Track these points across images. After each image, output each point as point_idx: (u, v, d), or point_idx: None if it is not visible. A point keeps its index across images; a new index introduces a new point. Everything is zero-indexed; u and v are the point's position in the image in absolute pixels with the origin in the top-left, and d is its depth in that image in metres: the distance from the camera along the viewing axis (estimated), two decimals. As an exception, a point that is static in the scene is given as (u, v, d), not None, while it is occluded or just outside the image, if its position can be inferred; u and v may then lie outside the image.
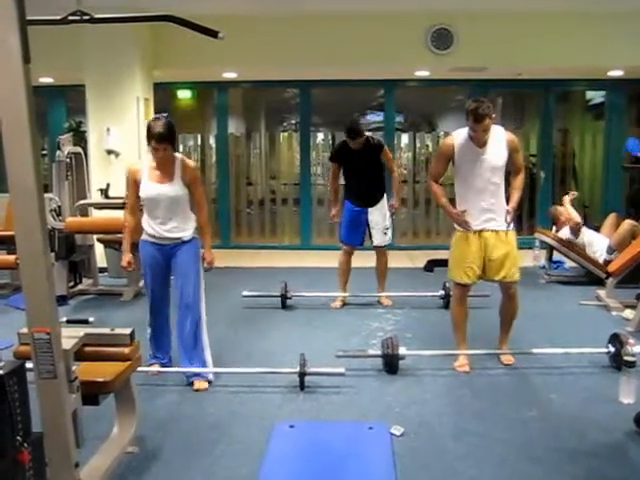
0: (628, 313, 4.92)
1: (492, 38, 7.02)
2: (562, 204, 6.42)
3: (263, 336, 4.62)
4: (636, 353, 3.67)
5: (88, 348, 2.48)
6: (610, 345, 3.86)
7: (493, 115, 3.62)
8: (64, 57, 6.84)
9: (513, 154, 3.74)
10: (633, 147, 7.24)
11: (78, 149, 6.03)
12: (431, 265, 6.92)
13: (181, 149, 8.47)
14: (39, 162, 1.92)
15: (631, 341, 3.74)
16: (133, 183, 3.63)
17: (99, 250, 6.27)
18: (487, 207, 3.73)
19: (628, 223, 5.87)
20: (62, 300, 5.29)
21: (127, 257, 3.73)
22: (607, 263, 5.74)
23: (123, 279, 6.08)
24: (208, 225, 3.77)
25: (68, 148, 5.78)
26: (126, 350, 2.62)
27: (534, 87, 8.48)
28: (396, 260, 5.54)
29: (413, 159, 8.88)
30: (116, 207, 5.79)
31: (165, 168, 3.56)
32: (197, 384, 3.62)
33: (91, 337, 2.49)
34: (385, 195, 5.32)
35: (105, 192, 6.07)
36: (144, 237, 3.69)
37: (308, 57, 7.24)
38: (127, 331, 2.65)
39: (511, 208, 3.72)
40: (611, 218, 6.34)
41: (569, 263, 6.57)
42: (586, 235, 6.17)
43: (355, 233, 5.29)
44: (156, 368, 3.78)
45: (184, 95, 9.57)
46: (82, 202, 5.91)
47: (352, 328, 4.78)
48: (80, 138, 7.22)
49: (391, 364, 3.82)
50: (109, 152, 6.79)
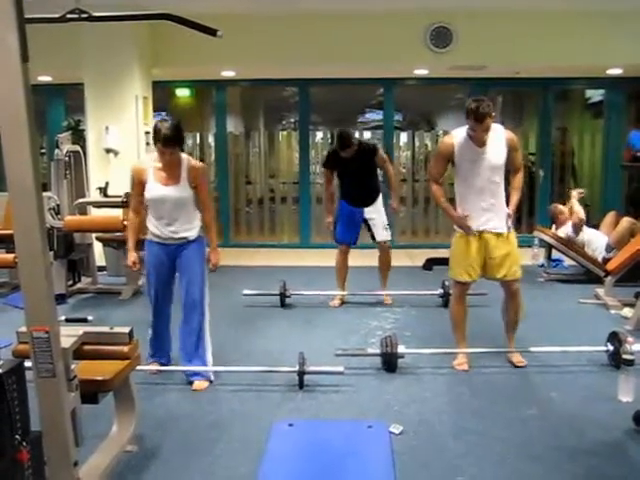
0: (627, 311, 4.93)
1: (491, 36, 7.02)
2: (567, 200, 6.40)
3: (262, 335, 4.62)
4: (635, 351, 3.68)
5: (87, 347, 2.47)
6: (609, 343, 3.87)
7: (493, 114, 3.61)
8: (63, 56, 6.83)
9: (512, 153, 3.73)
10: (638, 141, 7.11)
11: (77, 148, 6.02)
12: (430, 264, 6.93)
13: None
14: (38, 161, 1.92)
15: (630, 339, 3.75)
16: (138, 183, 3.58)
17: (98, 249, 6.27)
18: (487, 207, 3.72)
19: (627, 221, 5.87)
20: (61, 299, 5.29)
21: (132, 256, 3.69)
22: (606, 261, 5.74)
23: (122, 278, 6.08)
24: (214, 226, 3.73)
25: (67, 147, 5.77)
26: (125, 349, 2.61)
27: (533, 85, 8.48)
28: (395, 258, 5.55)
29: (412, 158, 8.88)
30: (115, 206, 5.80)
31: (171, 170, 3.51)
32: (196, 384, 3.61)
33: (90, 336, 2.48)
34: (381, 193, 5.31)
35: (104, 191, 6.06)
36: (149, 237, 3.67)
37: (307, 55, 7.23)
38: (126, 330, 2.64)
39: (511, 211, 3.73)
40: (610, 216, 6.34)
41: (568, 261, 6.58)
42: (586, 233, 6.18)
43: (350, 232, 5.29)
44: (155, 367, 3.77)
45: (183, 93, 9.57)
46: (81, 201, 5.90)
47: (351, 327, 4.78)
48: (79, 137, 7.22)
49: (390, 362, 3.82)
50: (108, 151, 6.79)
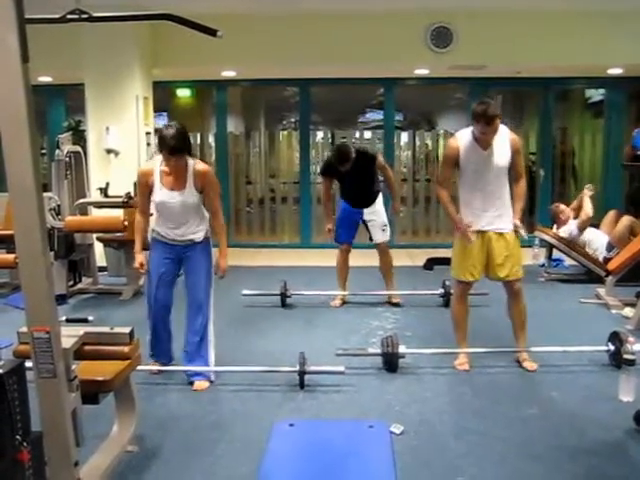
0: (628, 311, 4.93)
1: (491, 36, 7.01)
2: (580, 197, 6.38)
3: (263, 335, 4.62)
4: (636, 351, 3.68)
5: (88, 347, 2.47)
6: (610, 343, 3.86)
7: (500, 114, 3.57)
8: (63, 56, 6.83)
9: (515, 155, 3.71)
10: None
11: (77, 148, 6.02)
12: (431, 263, 6.92)
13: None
14: (38, 161, 1.91)
15: (631, 339, 3.75)
16: (144, 185, 3.56)
17: (98, 249, 6.26)
18: (491, 208, 3.71)
19: (627, 219, 5.88)
20: (61, 299, 5.29)
21: (140, 258, 3.66)
22: (607, 261, 5.74)
23: (122, 278, 6.08)
24: (224, 231, 3.68)
25: (67, 147, 5.77)
26: (126, 349, 2.61)
27: (534, 85, 8.47)
28: (396, 258, 5.55)
29: (412, 157, 8.88)
30: (115, 206, 5.80)
31: (177, 174, 3.49)
32: (197, 384, 3.61)
33: (90, 336, 2.48)
34: (380, 194, 5.31)
35: (104, 191, 6.06)
36: (155, 236, 3.66)
37: (307, 55, 7.23)
38: (126, 330, 2.64)
39: (517, 220, 3.73)
40: (611, 215, 6.34)
41: (569, 261, 6.58)
42: (587, 233, 6.18)
43: (349, 231, 5.31)
44: (156, 367, 3.76)
45: (183, 94, 9.58)
46: (81, 201, 5.90)
47: (352, 326, 4.78)
48: (79, 137, 7.22)
49: (391, 362, 3.82)
50: (108, 151, 6.79)
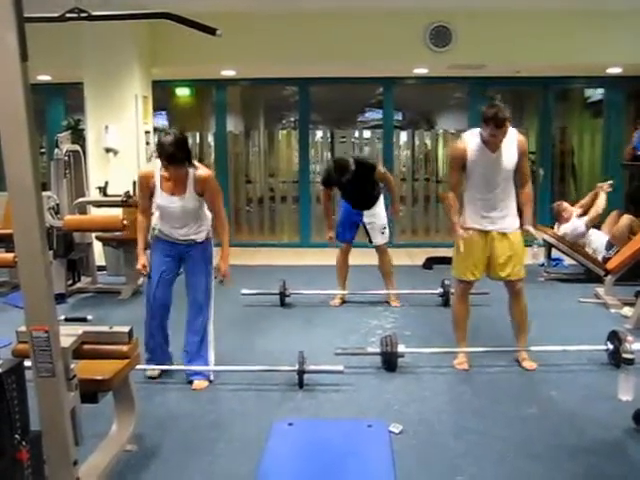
0: (627, 310, 4.93)
1: (491, 36, 7.01)
2: (595, 192, 6.36)
3: (262, 334, 4.62)
4: (635, 350, 3.68)
5: (86, 346, 2.47)
6: (609, 342, 3.87)
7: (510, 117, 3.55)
8: (62, 55, 6.83)
9: (521, 157, 3.68)
10: None
11: (76, 147, 6.01)
12: (430, 263, 6.93)
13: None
14: (37, 160, 1.91)
15: (630, 338, 3.75)
16: (145, 187, 3.55)
17: (97, 248, 6.26)
18: (496, 208, 3.71)
19: (627, 217, 5.89)
20: (60, 298, 5.29)
21: (142, 260, 3.63)
22: (606, 260, 5.75)
23: (121, 277, 6.08)
24: (226, 236, 3.64)
25: (66, 146, 5.76)
26: (125, 348, 2.61)
27: (533, 85, 8.48)
28: (395, 258, 5.55)
29: (412, 157, 8.88)
30: (115, 205, 5.80)
31: (177, 180, 3.48)
32: (196, 383, 3.61)
33: (89, 335, 2.48)
34: (381, 196, 5.31)
35: (103, 190, 6.06)
36: (158, 234, 3.66)
37: (306, 55, 7.23)
38: (125, 329, 2.64)
39: (531, 227, 3.77)
40: (613, 216, 6.33)
41: (568, 261, 6.58)
42: (589, 232, 6.19)
43: (350, 230, 5.33)
44: (156, 370, 3.71)
45: (182, 93, 9.57)
46: (80, 200, 5.90)
47: (351, 326, 4.78)
48: (78, 136, 7.21)
49: (390, 362, 3.82)
50: (107, 150, 6.79)
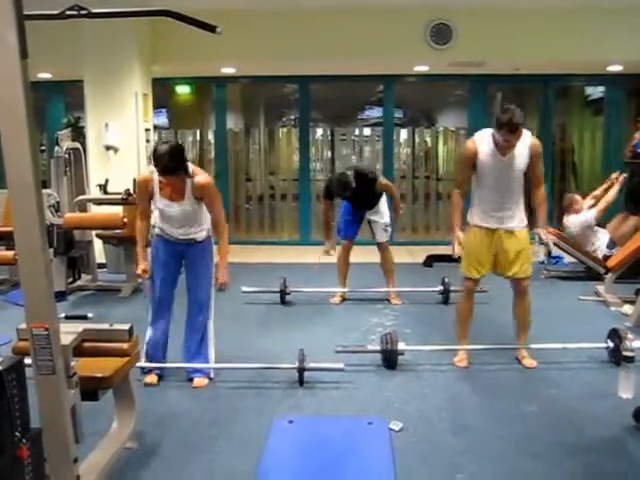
0: (627, 308, 4.93)
1: (491, 33, 7.01)
2: (609, 183, 6.36)
3: (262, 332, 4.62)
4: (635, 348, 3.69)
5: (87, 344, 2.47)
6: (609, 340, 3.87)
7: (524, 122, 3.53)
8: (62, 52, 6.82)
9: (534, 160, 3.65)
10: None
11: (77, 145, 6.01)
12: (430, 260, 6.93)
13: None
14: (37, 158, 1.91)
15: (630, 336, 3.75)
16: (145, 191, 3.54)
17: (98, 246, 6.26)
18: (504, 208, 3.70)
19: (634, 219, 5.90)
20: (61, 296, 5.29)
21: (142, 264, 3.60)
22: (606, 258, 5.75)
23: (122, 275, 6.08)
24: (226, 242, 3.61)
25: (67, 144, 5.76)
26: (125, 346, 2.62)
27: (533, 82, 8.47)
28: (395, 255, 5.55)
29: (412, 154, 8.89)
30: (115, 203, 5.80)
31: (175, 187, 3.47)
32: (196, 381, 3.61)
33: (90, 333, 2.48)
34: (383, 196, 5.32)
35: (104, 188, 6.06)
36: (159, 232, 3.65)
37: (307, 52, 7.22)
38: (126, 327, 2.64)
39: (542, 228, 3.79)
40: (619, 218, 6.27)
41: (568, 258, 6.58)
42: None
43: (353, 227, 5.34)
44: (154, 366, 3.67)
45: (183, 90, 9.56)
46: (81, 198, 5.90)
47: (351, 323, 4.78)
48: (79, 134, 7.21)
49: (390, 359, 3.82)
50: (108, 148, 6.79)
